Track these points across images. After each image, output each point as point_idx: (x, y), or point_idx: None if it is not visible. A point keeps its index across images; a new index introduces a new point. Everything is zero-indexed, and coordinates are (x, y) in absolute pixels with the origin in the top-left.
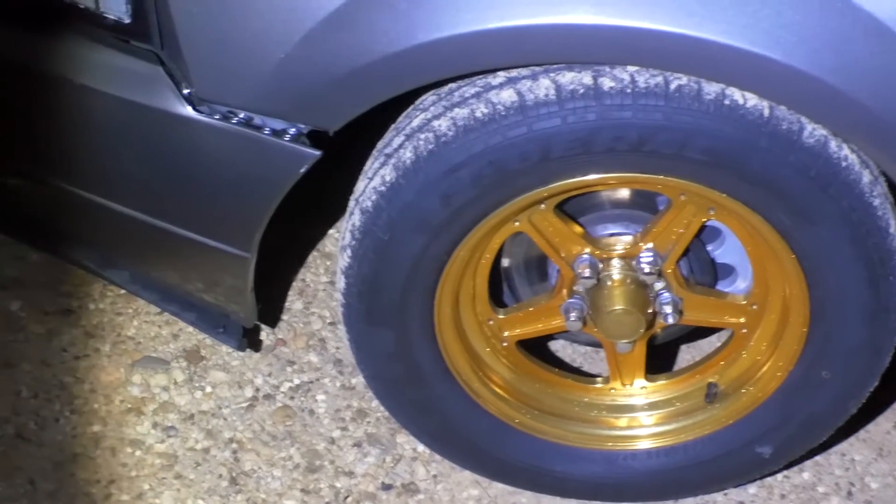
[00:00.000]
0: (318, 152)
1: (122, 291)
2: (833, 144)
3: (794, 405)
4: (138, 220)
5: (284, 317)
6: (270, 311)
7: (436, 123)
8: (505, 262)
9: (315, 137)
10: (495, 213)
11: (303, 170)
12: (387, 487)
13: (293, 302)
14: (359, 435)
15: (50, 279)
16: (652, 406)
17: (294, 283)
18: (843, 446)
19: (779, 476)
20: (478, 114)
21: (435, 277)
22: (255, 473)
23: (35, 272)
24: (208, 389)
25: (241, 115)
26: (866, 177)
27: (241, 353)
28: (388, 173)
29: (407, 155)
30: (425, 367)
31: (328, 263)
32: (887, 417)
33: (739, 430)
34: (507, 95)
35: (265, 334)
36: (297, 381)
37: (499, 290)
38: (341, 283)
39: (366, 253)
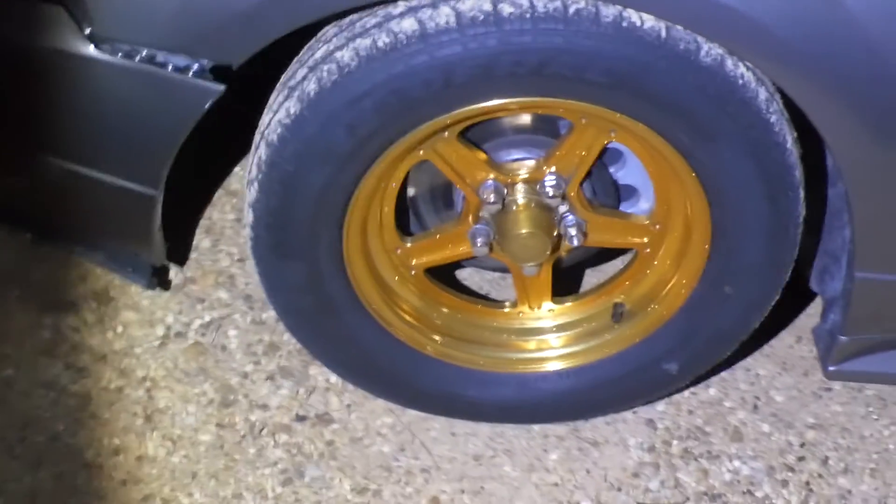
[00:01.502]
0: (221, 87)
1: (28, 236)
2: (729, 63)
3: (699, 321)
4: (45, 162)
5: (193, 255)
6: (179, 249)
7: (338, 54)
8: (411, 191)
9: (219, 73)
10: (400, 141)
11: (207, 105)
12: (301, 419)
13: (201, 240)
14: (271, 368)
15: None
16: (560, 328)
17: (201, 222)
18: (747, 361)
19: (686, 392)
20: (380, 43)
21: (342, 208)
22: (169, 410)
23: None
24: (119, 329)
25: (144, 53)
26: (763, 94)
27: (150, 293)
28: (293, 105)
29: (311, 86)
30: (336, 298)
31: (234, 201)
32: (790, 332)
33: (646, 348)
34: (409, 24)
35: (174, 273)
36: (207, 318)
37: (406, 218)
38: (249, 216)
39: (272, 186)
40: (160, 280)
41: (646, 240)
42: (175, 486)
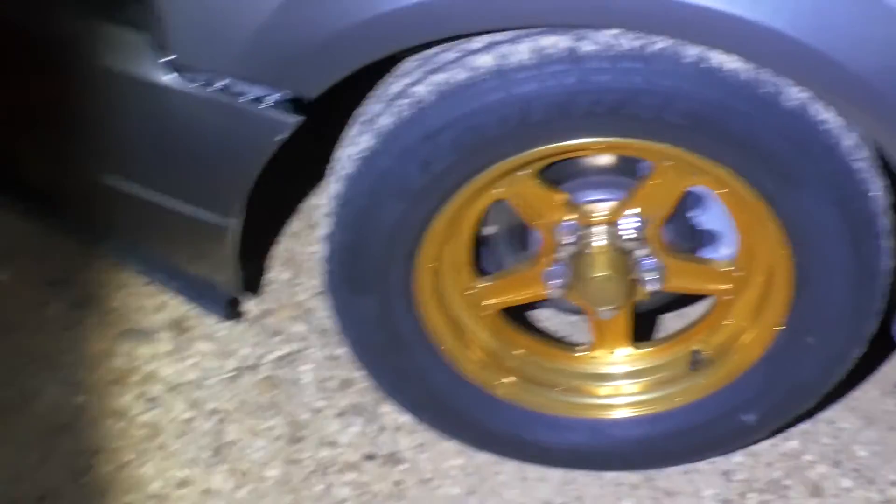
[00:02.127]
0: (298, 118)
1: (109, 262)
2: (814, 107)
3: (779, 372)
4: (124, 190)
5: (271, 287)
6: (257, 280)
7: (415, 89)
8: (488, 230)
9: (297, 104)
10: (475, 179)
11: (284, 137)
12: (370, 458)
13: (280, 272)
14: (343, 405)
15: (38, 250)
16: (636, 374)
17: (281, 254)
18: (830, 414)
19: (765, 444)
20: (457, 78)
21: (415, 244)
22: (238, 443)
23: (24, 242)
24: (193, 360)
25: (222, 82)
26: (849, 140)
27: (226, 324)
28: (368, 139)
29: (386, 121)
30: (406, 335)
31: (316, 234)
32: (875, 384)
33: (724, 398)
34: (486, 60)
35: (251, 305)
36: (282, 352)
37: (481, 257)
38: (324, 250)
39: (346, 220)
40: (237, 311)
41: (726, 286)
42: None
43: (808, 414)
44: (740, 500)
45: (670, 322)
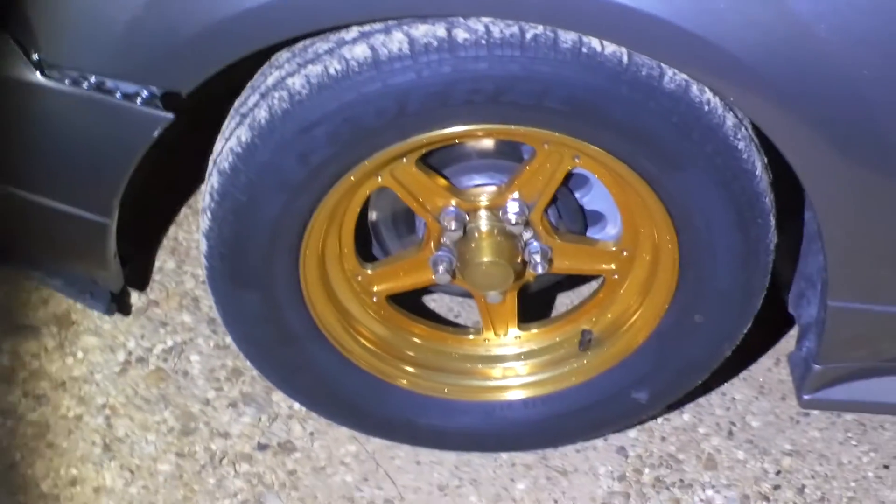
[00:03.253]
0: (170, 115)
1: None
2: (694, 89)
3: (669, 350)
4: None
5: (157, 277)
6: (141, 271)
7: (290, 81)
8: (372, 216)
9: (169, 100)
10: (355, 169)
11: (156, 133)
12: (263, 447)
13: (165, 261)
14: (234, 395)
15: None
16: (526, 355)
17: (165, 242)
18: (723, 386)
19: (659, 419)
20: (331, 70)
21: (298, 236)
22: (128, 439)
23: None
24: (80, 355)
25: (92, 80)
26: (730, 120)
27: (112, 317)
28: (244, 133)
29: (262, 114)
30: (294, 327)
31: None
32: (768, 355)
33: (615, 377)
34: (361, 51)
35: (137, 296)
36: (170, 343)
37: (368, 244)
38: (203, 245)
39: (225, 215)
40: (122, 303)
41: (613, 266)
42: None
43: (702, 387)
44: (636, 476)
45: (564, 301)
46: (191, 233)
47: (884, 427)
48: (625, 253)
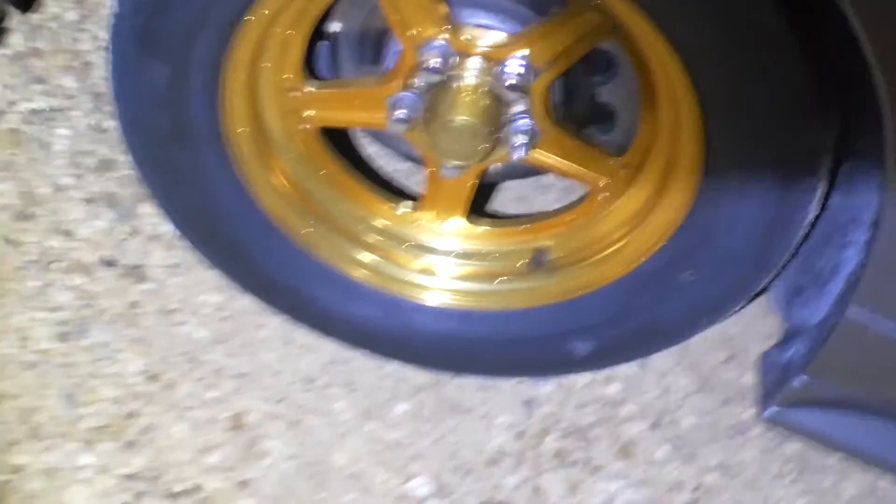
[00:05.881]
0: None
1: None
2: None
3: (636, 303)
4: None
5: (52, 25)
6: None
7: None
8: (334, 26)
9: None
10: None
11: None
12: (109, 264)
13: (66, 10)
14: (94, 190)
15: None
16: (461, 255)
17: None
18: (664, 366)
19: (581, 381)
20: None
21: (237, 13)
22: None
23: None
24: None
25: None
26: None
27: None
28: None
29: None
30: (196, 126)
31: None
32: (722, 347)
33: (558, 316)
34: None
35: (20, 37)
36: (41, 105)
37: (318, 58)
38: None
39: None
40: None
41: (604, 182)
42: None
43: (640, 360)
44: (535, 441)
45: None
46: None
47: (825, 471)
48: (625, 169)
